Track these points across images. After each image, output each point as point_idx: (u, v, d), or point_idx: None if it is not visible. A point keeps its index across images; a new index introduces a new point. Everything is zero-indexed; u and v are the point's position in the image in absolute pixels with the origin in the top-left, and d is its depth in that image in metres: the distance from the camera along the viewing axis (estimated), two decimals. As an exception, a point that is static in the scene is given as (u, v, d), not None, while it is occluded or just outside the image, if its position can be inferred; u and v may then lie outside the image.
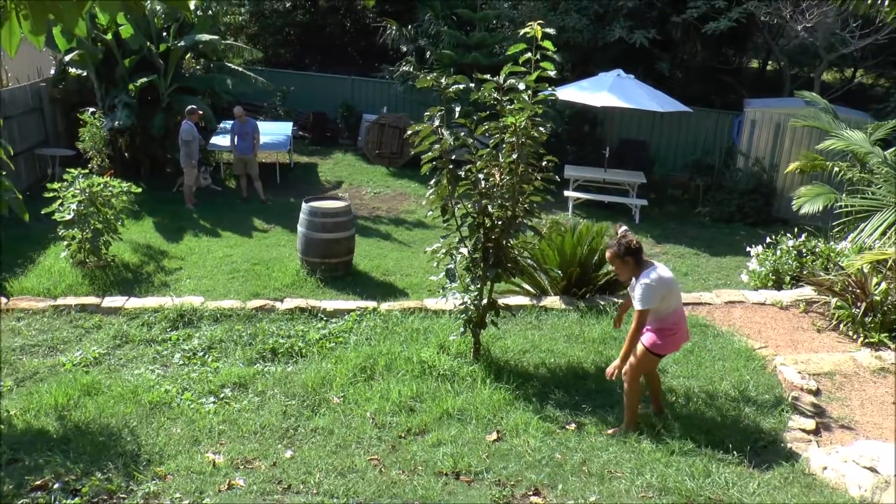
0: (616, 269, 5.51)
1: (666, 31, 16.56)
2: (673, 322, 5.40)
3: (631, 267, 5.35)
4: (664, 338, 5.40)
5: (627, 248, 5.31)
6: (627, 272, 5.41)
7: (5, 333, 7.16)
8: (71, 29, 3.04)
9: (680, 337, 5.51)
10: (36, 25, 2.92)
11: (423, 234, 12.73)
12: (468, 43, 16.79)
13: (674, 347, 5.59)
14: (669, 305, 5.35)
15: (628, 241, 5.33)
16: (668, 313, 5.36)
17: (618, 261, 5.37)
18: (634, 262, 5.33)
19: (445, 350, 6.72)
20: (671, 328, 5.40)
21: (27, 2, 2.91)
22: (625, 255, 5.32)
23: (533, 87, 6.01)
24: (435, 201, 6.15)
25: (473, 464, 4.99)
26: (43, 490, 4.61)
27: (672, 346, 5.55)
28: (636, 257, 5.33)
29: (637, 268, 5.35)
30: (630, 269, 5.37)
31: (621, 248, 5.32)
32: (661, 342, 5.40)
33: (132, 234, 11.29)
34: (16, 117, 13.28)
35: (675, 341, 5.50)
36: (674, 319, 5.40)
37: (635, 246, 5.33)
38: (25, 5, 2.96)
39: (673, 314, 5.38)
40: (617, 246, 5.34)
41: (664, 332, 5.39)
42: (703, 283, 10.78)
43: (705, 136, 17.51)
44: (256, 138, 14.00)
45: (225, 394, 5.97)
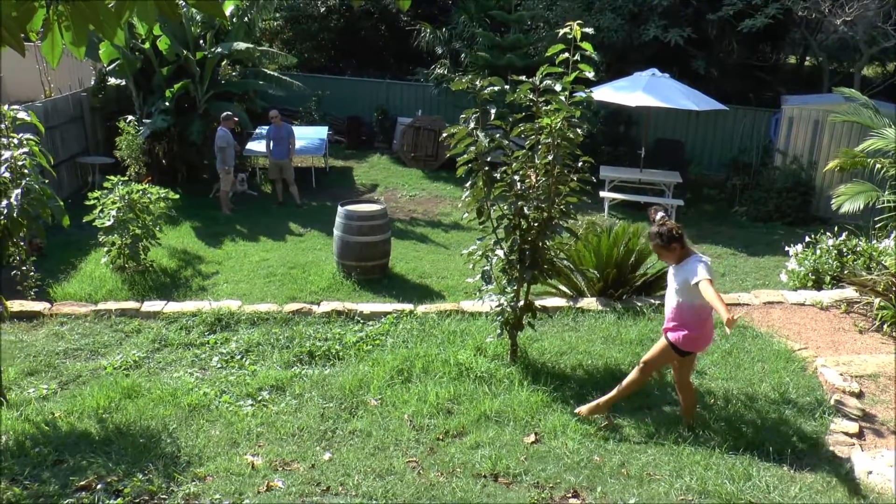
0: (662, 258, 5.42)
1: (701, 29, 16.38)
2: (704, 318, 5.28)
3: (677, 254, 5.25)
4: (692, 333, 5.26)
5: (671, 234, 5.21)
6: (674, 259, 5.31)
7: (50, 338, 7.30)
8: (110, 39, 3.08)
9: (707, 335, 5.38)
10: (77, 37, 2.97)
11: (460, 236, 12.73)
12: (503, 45, 16.78)
13: (700, 346, 5.44)
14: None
15: (670, 227, 5.22)
16: (703, 305, 5.20)
17: (664, 250, 5.26)
18: (680, 247, 5.23)
19: (482, 352, 6.70)
20: (701, 324, 5.28)
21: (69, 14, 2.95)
22: (671, 243, 5.22)
23: (569, 89, 5.98)
24: (471, 203, 6.14)
25: (512, 466, 4.97)
26: (87, 490, 4.68)
27: (699, 345, 5.40)
28: (681, 242, 5.24)
29: (683, 252, 5.25)
30: (676, 255, 5.26)
31: (665, 237, 5.21)
32: (688, 338, 5.26)
33: (170, 240, 11.45)
34: (58, 127, 13.56)
35: (703, 339, 5.37)
36: (705, 315, 5.28)
37: (678, 232, 5.24)
38: (67, 17, 3.01)
39: (705, 308, 5.25)
40: (660, 235, 5.22)
41: (693, 328, 5.25)
42: (740, 284, 10.64)
43: (742, 134, 17.28)
44: (292, 143, 14.12)
45: (263, 396, 6.01)
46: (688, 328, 5.24)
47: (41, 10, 2.98)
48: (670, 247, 5.23)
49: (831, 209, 10.53)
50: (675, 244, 5.22)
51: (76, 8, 2.97)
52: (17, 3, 2.81)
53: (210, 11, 3.16)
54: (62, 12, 3.05)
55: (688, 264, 5.18)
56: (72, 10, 3.01)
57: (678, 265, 5.26)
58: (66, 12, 3.04)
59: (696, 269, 5.07)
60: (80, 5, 2.96)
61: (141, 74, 14.92)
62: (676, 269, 5.28)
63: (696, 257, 5.20)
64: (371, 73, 21.63)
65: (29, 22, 2.97)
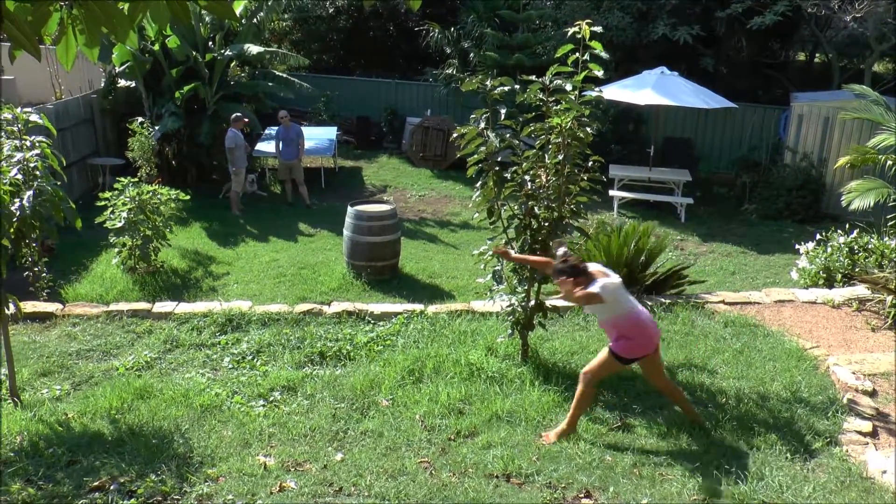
0: (567, 294, 5.33)
1: (709, 26, 16.33)
2: (636, 322, 5.26)
3: (585, 284, 5.22)
4: (631, 341, 5.26)
5: (575, 269, 5.22)
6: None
7: (62, 338, 7.34)
8: (122, 41, 3.10)
9: (645, 338, 5.32)
10: (90, 39, 2.99)
11: (469, 235, 12.73)
12: (511, 44, 16.78)
13: (640, 351, 5.35)
14: (624, 307, 5.25)
15: (573, 263, 5.25)
16: (625, 315, 5.24)
17: (571, 285, 5.21)
18: (586, 279, 5.23)
19: (493, 352, 6.71)
20: (636, 330, 5.27)
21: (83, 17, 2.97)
22: (577, 277, 5.21)
23: (579, 88, 5.97)
24: (481, 203, 6.14)
25: (524, 466, 4.97)
26: (100, 491, 4.71)
27: (638, 350, 5.33)
28: (586, 274, 5.25)
29: (589, 280, 5.24)
30: (585, 285, 5.23)
31: (569, 272, 5.22)
32: (627, 346, 5.27)
33: (180, 241, 11.48)
34: (69, 129, 13.62)
35: (640, 344, 5.31)
36: (634, 319, 5.27)
37: (582, 265, 5.29)
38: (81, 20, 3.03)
39: (631, 315, 5.26)
40: (564, 271, 5.22)
41: (631, 335, 5.25)
42: (751, 282, 10.60)
43: (751, 132, 17.26)
44: (301, 143, 14.14)
45: (274, 397, 6.03)
46: (626, 336, 5.25)
47: (56, 13, 3.00)
48: (577, 280, 5.21)
49: (842, 206, 10.47)
50: (581, 278, 5.21)
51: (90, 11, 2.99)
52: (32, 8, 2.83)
53: (222, 13, 3.18)
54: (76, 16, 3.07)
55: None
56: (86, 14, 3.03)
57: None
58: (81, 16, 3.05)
59: (596, 286, 5.15)
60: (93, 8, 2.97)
61: (150, 76, 14.97)
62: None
63: (599, 280, 5.22)
64: (380, 73, 21.66)
65: (44, 26, 2.99)
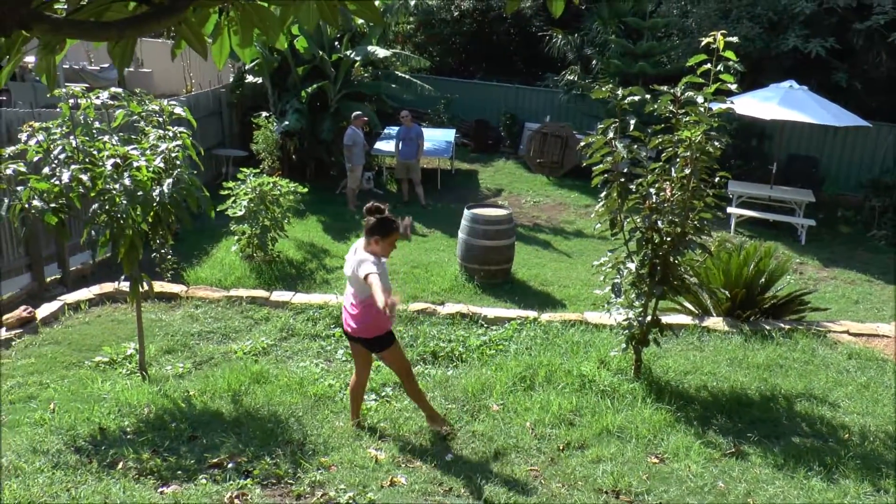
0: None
1: (845, 39, 15.54)
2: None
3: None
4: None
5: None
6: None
7: (185, 319, 7.70)
8: (273, 42, 3.22)
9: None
10: (244, 39, 3.12)
11: (583, 244, 12.60)
12: (635, 52, 16.50)
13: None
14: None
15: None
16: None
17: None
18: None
19: (606, 365, 6.61)
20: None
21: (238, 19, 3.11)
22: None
23: (710, 100, 5.82)
24: (604, 214, 6.06)
25: (634, 484, 4.87)
26: (219, 468, 4.91)
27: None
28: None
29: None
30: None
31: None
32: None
33: (297, 233, 11.83)
34: (199, 120, 14.25)
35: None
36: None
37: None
38: (237, 22, 3.16)
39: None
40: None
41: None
42: (876, 314, 10.04)
43: (885, 153, 16.31)
44: (420, 144, 14.31)
45: (386, 392, 6.13)
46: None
47: (214, 15, 3.14)
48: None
49: None
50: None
51: (245, 13, 3.12)
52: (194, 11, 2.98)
53: (368, 16, 3.25)
54: (232, 18, 3.22)
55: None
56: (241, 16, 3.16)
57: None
58: (236, 17, 3.19)
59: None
60: (248, 11, 3.10)
61: (277, 73, 15.53)
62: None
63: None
64: (500, 77, 21.70)
65: (203, 26, 3.15)
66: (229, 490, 4.63)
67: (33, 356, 6.71)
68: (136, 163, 5.78)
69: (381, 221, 5.08)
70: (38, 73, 2.77)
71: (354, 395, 5.59)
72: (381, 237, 5.08)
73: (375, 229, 5.08)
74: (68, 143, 5.77)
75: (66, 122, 5.88)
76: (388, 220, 5.10)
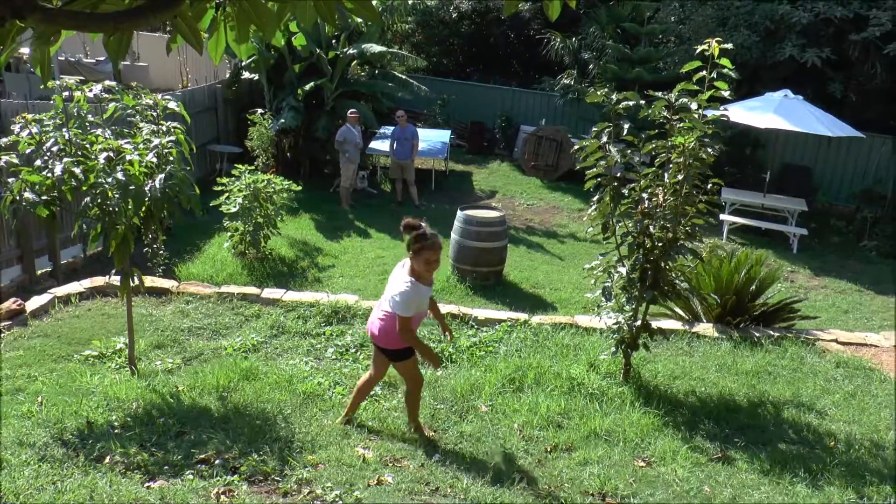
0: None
1: (842, 49, 15.61)
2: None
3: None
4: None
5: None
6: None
7: (176, 314, 7.68)
8: (269, 39, 3.22)
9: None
10: (240, 35, 3.12)
11: (575, 248, 12.63)
12: (633, 58, 16.55)
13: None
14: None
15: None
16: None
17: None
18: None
19: (595, 369, 6.63)
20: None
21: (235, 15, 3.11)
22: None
23: (704, 107, 5.85)
24: (596, 218, 6.08)
25: (620, 487, 4.89)
26: (206, 464, 4.89)
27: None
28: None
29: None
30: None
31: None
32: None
33: (289, 230, 11.83)
34: (193, 116, 14.22)
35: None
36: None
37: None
38: (233, 17, 3.17)
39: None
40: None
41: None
42: (865, 323, 10.08)
43: (878, 164, 16.40)
44: (415, 144, 14.34)
45: (375, 392, 6.10)
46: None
47: (210, 10, 3.15)
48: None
49: (976, 250, 9.85)
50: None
51: (242, 9, 3.13)
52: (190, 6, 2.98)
53: (366, 15, 3.26)
54: (229, 13, 3.22)
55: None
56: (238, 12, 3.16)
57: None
58: (233, 13, 3.20)
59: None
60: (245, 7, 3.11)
61: (273, 70, 15.51)
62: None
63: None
64: (497, 79, 21.74)
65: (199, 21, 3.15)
66: (216, 486, 4.63)
67: (22, 349, 6.69)
68: (129, 157, 5.76)
69: (415, 238, 4.86)
70: (33, 64, 2.77)
71: (360, 392, 5.57)
72: (413, 254, 4.91)
73: (409, 246, 4.93)
74: (61, 136, 5.76)
75: (60, 115, 5.86)
76: (421, 236, 4.85)
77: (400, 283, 4.92)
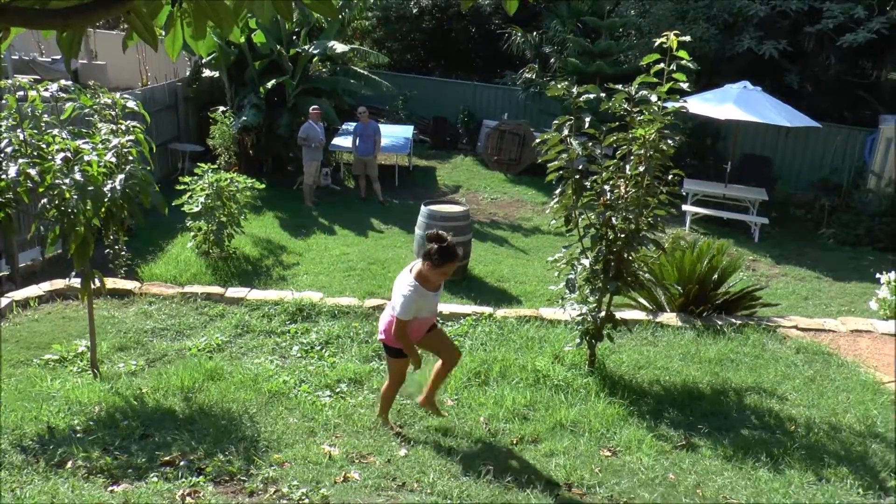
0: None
1: (797, 42, 15.90)
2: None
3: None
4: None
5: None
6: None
7: (139, 316, 7.59)
8: (227, 35, 3.19)
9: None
10: (197, 32, 3.09)
11: (540, 241, 12.69)
12: (593, 51, 16.67)
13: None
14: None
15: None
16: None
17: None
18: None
19: (560, 360, 6.67)
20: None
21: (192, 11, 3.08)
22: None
23: (664, 99, 5.91)
24: (559, 210, 6.11)
25: (586, 477, 4.93)
26: (171, 466, 4.84)
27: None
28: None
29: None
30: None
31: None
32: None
33: (253, 229, 11.74)
34: (154, 114, 14.05)
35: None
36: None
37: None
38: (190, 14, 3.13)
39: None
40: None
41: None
42: (824, 309, 10.29)
43: (834, 153, 16.72)
44: (377, 140, 14.31)
45: (341, 388, 6.11)
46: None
47: (166, 7, 3.11)
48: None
49: (929, 237, 10.10)
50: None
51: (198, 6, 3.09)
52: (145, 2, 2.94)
53: (323, 11, 3.24)
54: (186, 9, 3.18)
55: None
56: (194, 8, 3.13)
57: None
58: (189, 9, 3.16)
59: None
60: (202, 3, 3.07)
61: (234, 67, 15.36)
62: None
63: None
64: (459, 74, 21.76)
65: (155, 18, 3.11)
66: (181, 488, 4.58)
67: (-21, 354, 6.56)
68: (87, 157, 5.67)
69: (441, 250, 4.91)
70: (-18, 63, 2.71)
71: (392, 396, 5.58)
72: (434, 266, 4.95)
73: (432, 256, 4.95)
74: (15, 137, 5.65)
75: (13, 115, 5.75)
76: (447, 250, 4.93)
77: (404, 287, 5.03)
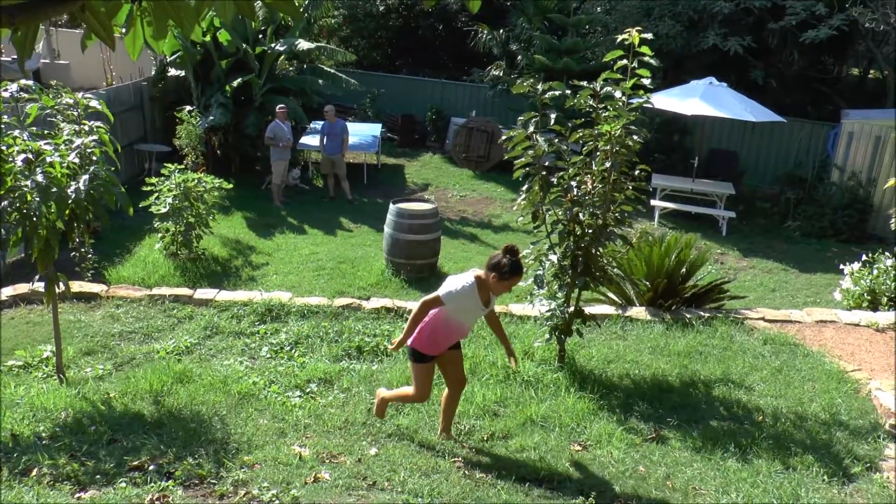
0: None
1: (762, 38, 16.10)
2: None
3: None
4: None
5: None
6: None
7: (106, 319, 7.49)
8: (188, 35, 3.16)
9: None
10: (158, 31, 3.05)
11: (509, 238, 12.71)
12: (560, 48, 16.72)
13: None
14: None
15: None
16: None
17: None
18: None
19: (530, 356, 6.71)
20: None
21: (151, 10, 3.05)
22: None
23: (628, 95, 5.96)
24: (526, 207, 6.14)
25: (557, 471, 4.96)
26: (140, 470, 4.80)
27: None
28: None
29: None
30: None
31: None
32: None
33: (222, 229, 11.63)
34: (119, 114, 13.87)
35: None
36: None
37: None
38: (150, 13, 3.10)
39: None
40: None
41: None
42: (791, 301, 10.44)
43: (798, 147, 16.97)
44: (345, 139, 14.24)
45: (311, 389, 6.09)
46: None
47: (126, 6, 3.07)
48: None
49: (889, 229, 10.28)
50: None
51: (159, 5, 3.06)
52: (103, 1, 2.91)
53: (286, 11, 3.22)
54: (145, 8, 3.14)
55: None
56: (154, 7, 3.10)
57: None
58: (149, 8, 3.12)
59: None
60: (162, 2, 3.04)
61: (200, 66, 15.19)
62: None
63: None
64: (426, 72, 21.73)
65: (114, 17, 3.07)
66: (150, 492, 4.54)
67: (-61, 362, 6.44)
68: (50, 158, 5.59)
69: (512, 264, 4.88)
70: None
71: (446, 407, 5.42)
72: (502, 278, 4.91)
73: (502, 268, 4.90)
74: (-26, 138, 5.55)
75: (-28, 117, 5.64)
76: (518, 264, 4.93)
77: (461, 280, 4.97)
